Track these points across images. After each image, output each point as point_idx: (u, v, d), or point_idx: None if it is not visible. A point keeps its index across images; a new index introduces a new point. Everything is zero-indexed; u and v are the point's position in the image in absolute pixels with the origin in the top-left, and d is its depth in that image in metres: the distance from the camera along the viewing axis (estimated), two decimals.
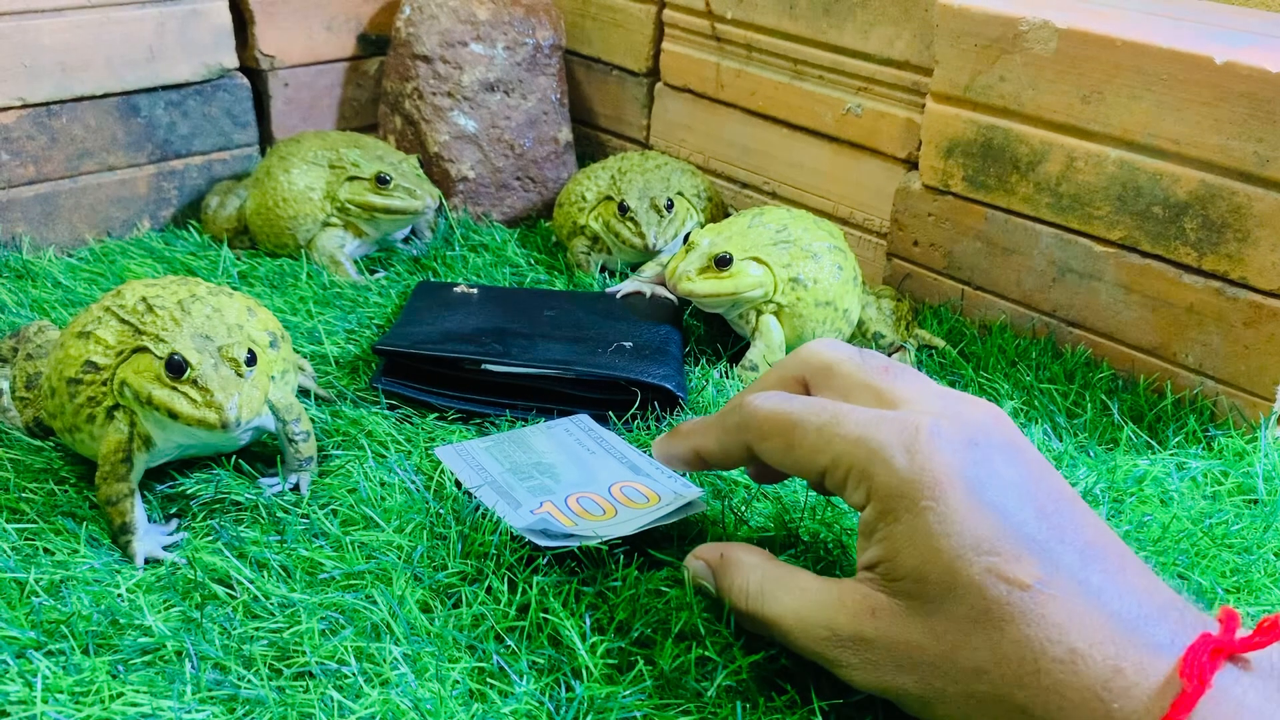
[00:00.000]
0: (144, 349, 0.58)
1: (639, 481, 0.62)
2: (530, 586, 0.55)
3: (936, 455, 0.44)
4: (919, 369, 0.81)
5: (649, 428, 0.72)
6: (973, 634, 0.42)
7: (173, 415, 0.56)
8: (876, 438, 0.46)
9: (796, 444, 0.49)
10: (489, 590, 0.55)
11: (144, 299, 0.61)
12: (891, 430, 0.45)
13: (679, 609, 0.52)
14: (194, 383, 0.57)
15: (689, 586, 0.53)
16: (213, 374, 0.57)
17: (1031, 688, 0.41)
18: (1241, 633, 0.41)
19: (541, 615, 0.53)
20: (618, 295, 0.85)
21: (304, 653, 0.51)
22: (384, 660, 0.50)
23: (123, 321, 0.61)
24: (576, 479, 0.63)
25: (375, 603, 0.54)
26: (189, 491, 0.62)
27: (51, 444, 0.66)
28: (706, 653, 0.50)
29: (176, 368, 0.57)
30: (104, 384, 0.60)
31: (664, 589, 0.54)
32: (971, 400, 0.49)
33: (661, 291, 0.85)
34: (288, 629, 0.52)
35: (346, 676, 0.50)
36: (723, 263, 0.77)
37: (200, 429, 0.56)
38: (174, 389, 0.57)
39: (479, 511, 0.60)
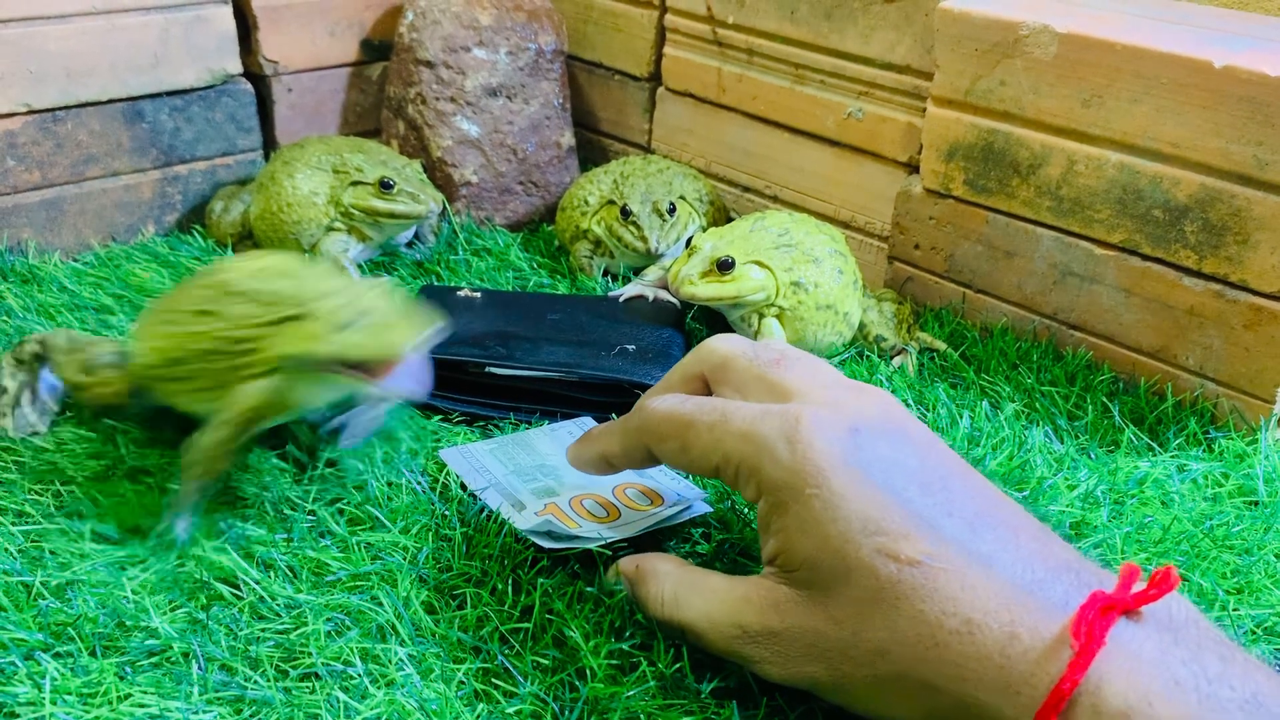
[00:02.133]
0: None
1: (642, 483, 0.63)
2: (534, 588, 0.55)
3: (817, 443, 0.45)
4: (920, 372, 0.82)
5: None
6: (870, 615, 0.43)
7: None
8: (760, 432, 0.47)
9: (690, 444, 0.50)
10: (493, 592, 0.55)
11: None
12: (774, 424, 0.47)
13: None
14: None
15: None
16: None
17: (933, 662, 0.42)
18: (1139, 587, 0.42)
19: (546, 616, 0.53)
20: (620, 299, 0.86)
21: (310, 654, 0.51)
22: (389, 661, 0.51)
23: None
24: (580, 481, 0.63)
25: (381, 604, 0.54)
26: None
27: (55, 444, 0.67)
28: (704, 654, 0.51)
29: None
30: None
31: None
32: (860, 388, 0.50)
33: (664, 295, 0.86)
34: (294, 630, 0.53)
35: (352, 677, 0.50)
36: (725, 266, 0.77)
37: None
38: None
39: (483, 513, 0.60)
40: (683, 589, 0.50)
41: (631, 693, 0.49)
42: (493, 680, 0.50)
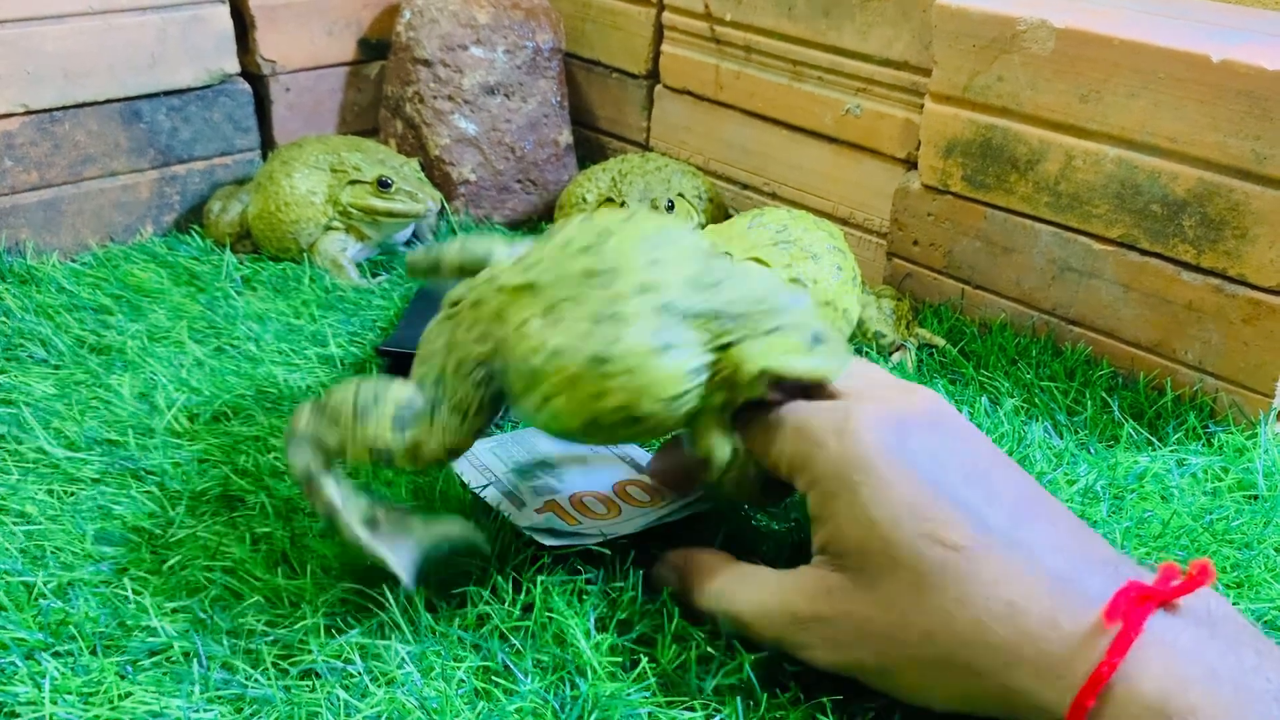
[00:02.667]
0: None
1: (643, 479, 0.63)
2: (535, 585, 0.55)
3: (865, 434, 0.47)
4: (919, 368, 0.82)
5: None
6: (917, 599, 0.45)
7: None
8: (811, 426, 0.49)
9: (748, 441, 0.52)
10: (494, 590, 0.55)
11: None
12: (824, 419, 0.49)
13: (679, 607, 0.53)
14: None
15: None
16: None
17: (977, 645, 0.43)
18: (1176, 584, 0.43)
19: (546, 614, 0.53)
20: None
21: (310, 651, 0.51)
22: (390, 659, 0.51)
23: None
24: (580, 478, 0.63)
25: (382, 602, 0.54)
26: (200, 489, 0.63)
27: (53, 435, 0.67)
28: (708, 650, 0.51)
29: None
30: None
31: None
32: (908, 387, 0.52)
33: None
34: (295, 627, 0.53)
35: (353, 675, 0.50)
36: None
37: None
38: None
39: (484, 511, 0.60)
40: (731, 581, 0.52)
41: (632, 690, 0.49)
42: (493, 679, 0.50)
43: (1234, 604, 0.57)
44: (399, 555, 0.52)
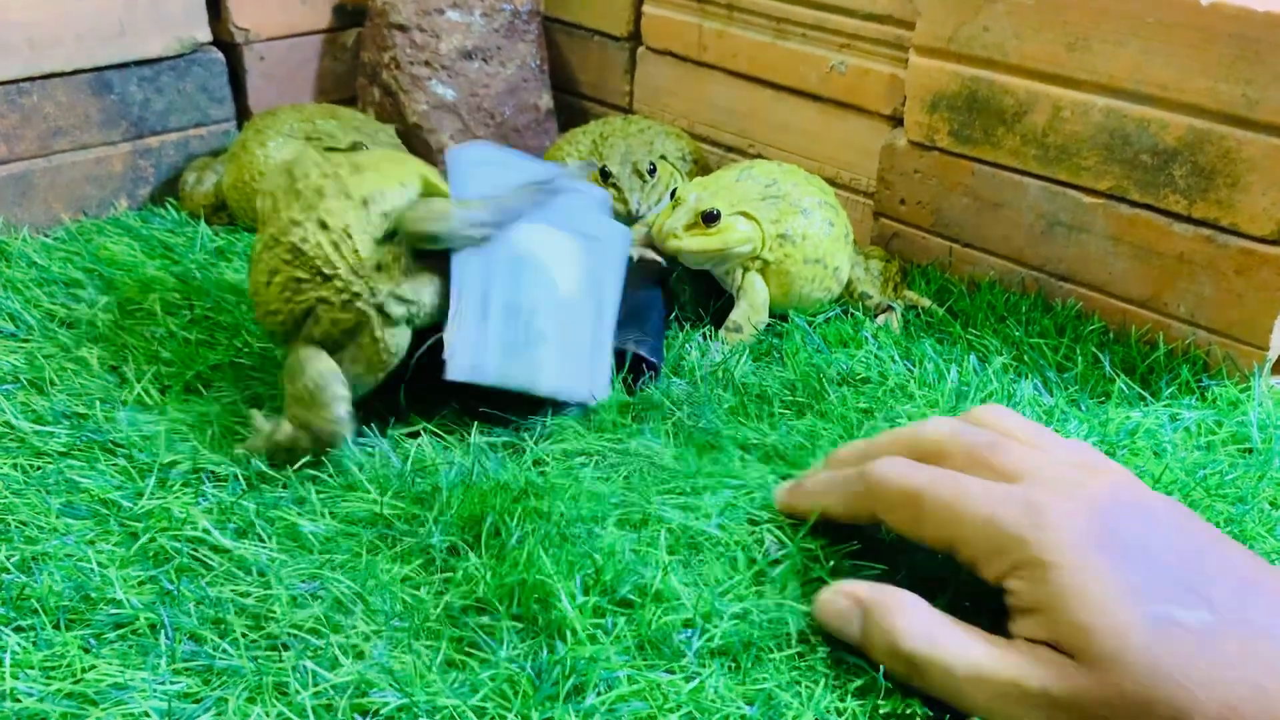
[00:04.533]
0: None
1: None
2: (511, 552, 0.53)
3: (1066, 530, 0.45)
4: (907, 328, 0.80)
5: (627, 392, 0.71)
6: (1159, 681, 0.42)
7: None
8: (1002, 524, 0.47)
9: (924, 519, 0.49)
10: (469, 555, 0.54)
11: None
12: (1018, 512, 0.47)
13: (660, 570, 0.52)
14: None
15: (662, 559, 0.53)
16: None
17: None
18: None
19: (523, 581, 0.52)
20: None
21: (280, 621, 0.50)
22: (360, 628, 0.49)
23: None
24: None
25: (354, 571, 0.53)
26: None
27: (19, 408, 0.65)
28: (689, 614, 0.50)
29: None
30: None
31: (650, 549, 0.53)
32: (1091, 464, 0.50)
33: (649, 253, 0.83)
34: (265, 597, 0.51)
35: (322, 646, 0.49)
36: (710, 219, 0.76)
37: None
38: None
39: (459, 480, 0.59)
40: (939, 628, 0.48)
41: (611, 652, 0.48)
42: (467, 647, 0.49)
43: None
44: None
